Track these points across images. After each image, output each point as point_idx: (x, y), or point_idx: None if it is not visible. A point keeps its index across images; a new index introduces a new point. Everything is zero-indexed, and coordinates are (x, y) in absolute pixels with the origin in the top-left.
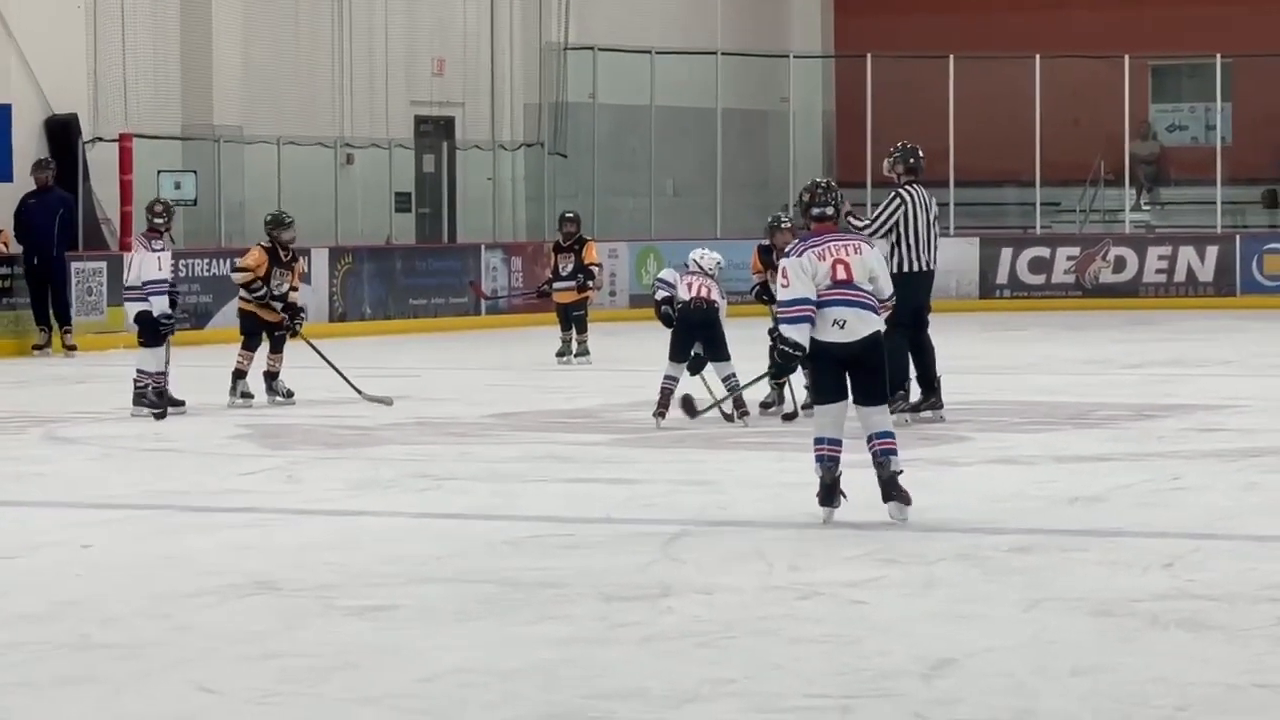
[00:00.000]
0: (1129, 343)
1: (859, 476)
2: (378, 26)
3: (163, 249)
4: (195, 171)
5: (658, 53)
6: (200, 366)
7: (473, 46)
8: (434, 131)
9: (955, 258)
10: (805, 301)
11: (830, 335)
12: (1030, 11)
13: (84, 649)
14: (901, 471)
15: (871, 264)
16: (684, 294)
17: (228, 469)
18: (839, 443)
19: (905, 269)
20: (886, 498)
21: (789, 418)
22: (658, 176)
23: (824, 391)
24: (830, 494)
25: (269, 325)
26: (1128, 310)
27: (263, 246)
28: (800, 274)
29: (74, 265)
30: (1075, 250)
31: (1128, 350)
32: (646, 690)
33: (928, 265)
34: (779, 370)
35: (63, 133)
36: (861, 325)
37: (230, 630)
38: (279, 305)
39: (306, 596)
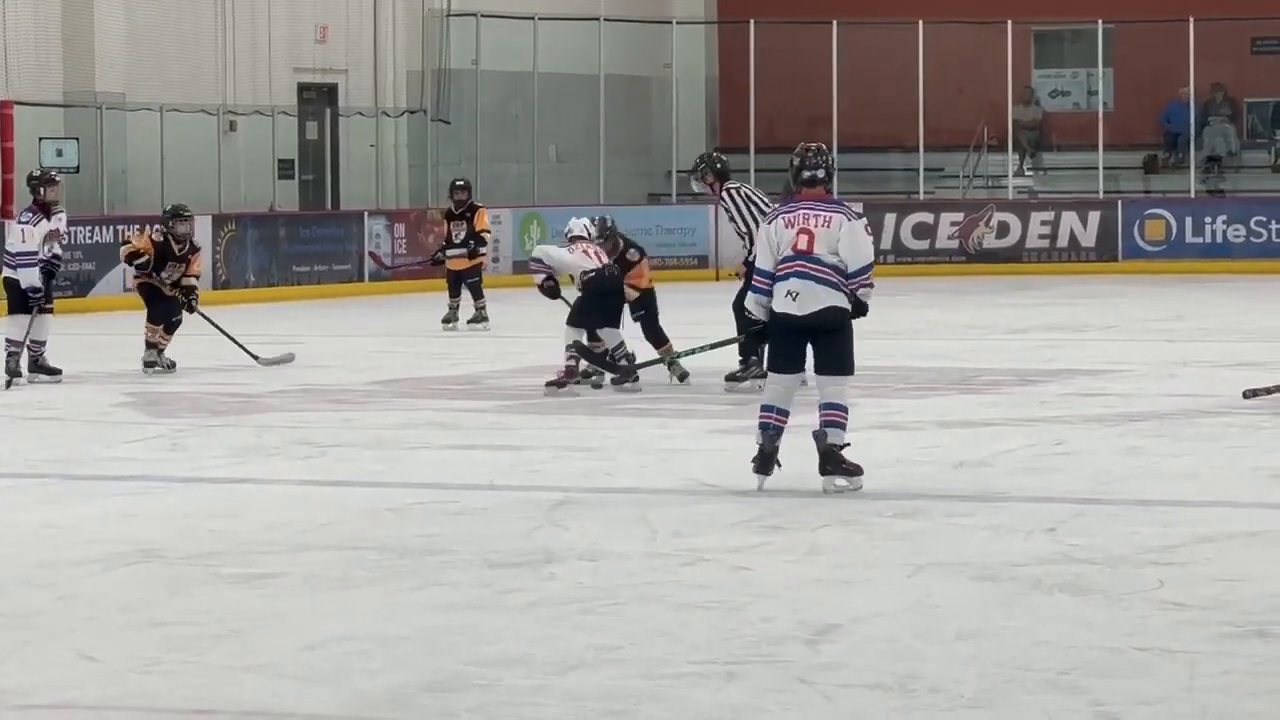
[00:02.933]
0: (1012, 308)
1: (740, 442)
2: None
3: (28, 221)
4: (77, 139)
5: (541, 19)
6: (83, 335)
7: (356, 13)
8: (317, 99)
9: None
10: (762, 274)
11: (783, 306)
12: None
13: None
14: (846, 445)
15: (839, 236)
16: (591, 263)
17: (111, 437)
18: (786, 413)
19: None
20: (822, 470)
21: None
22: (541, 143)
23: (776, 361)
24: (766, 462)
25: (165, 302)
26: (1011, 276)
27: (153, 239)
28: (764, 245)
29: None
30: (959, 216)
31: (1011, 315)
32: (531, 657)
33: None
34: (749, 338)
35: None
36: (812, 299)
37: (114, 598)
38: (168, 288)
39: (191, 564)
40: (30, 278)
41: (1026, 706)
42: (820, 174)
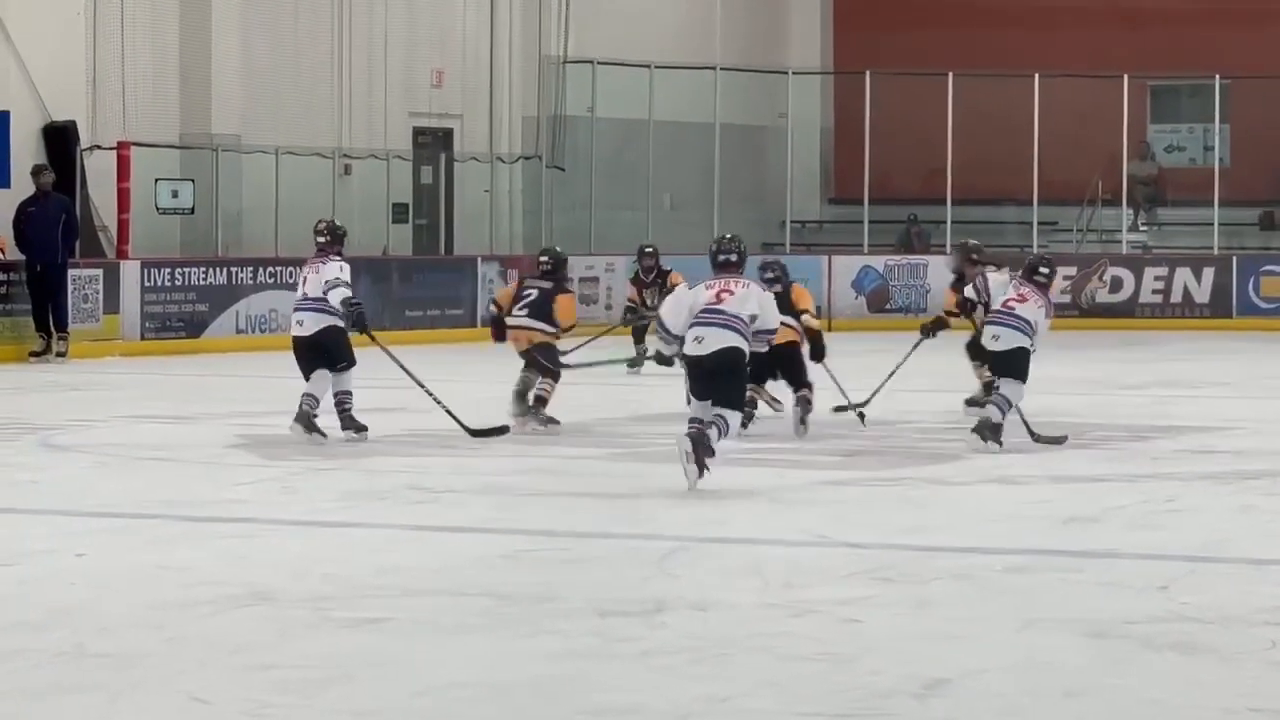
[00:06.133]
0: (1125, 363)
1: (854, 493)
2: (377, 36)
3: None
4: (193, 180)
5: (657, 67)
6: (197, 376)
7: (472, 58)
8: (432, 143)
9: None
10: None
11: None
12: (1030, 30)
13: (78, 658)
14: (708, 442)
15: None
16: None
17: (223, 479)
18: (703, 421)
19: None
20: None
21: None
22: (655, 190)
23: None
24: (698, 446)
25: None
26: (1124, 330)
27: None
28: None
29: (70, 272)
30: (1072, 270)
31: (1123, 371)
32: (642, 706)
33: None
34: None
35: (60, 139)
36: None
37: (224, 641)
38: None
39: (301, 608)
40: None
41: None
42: (734, 258)
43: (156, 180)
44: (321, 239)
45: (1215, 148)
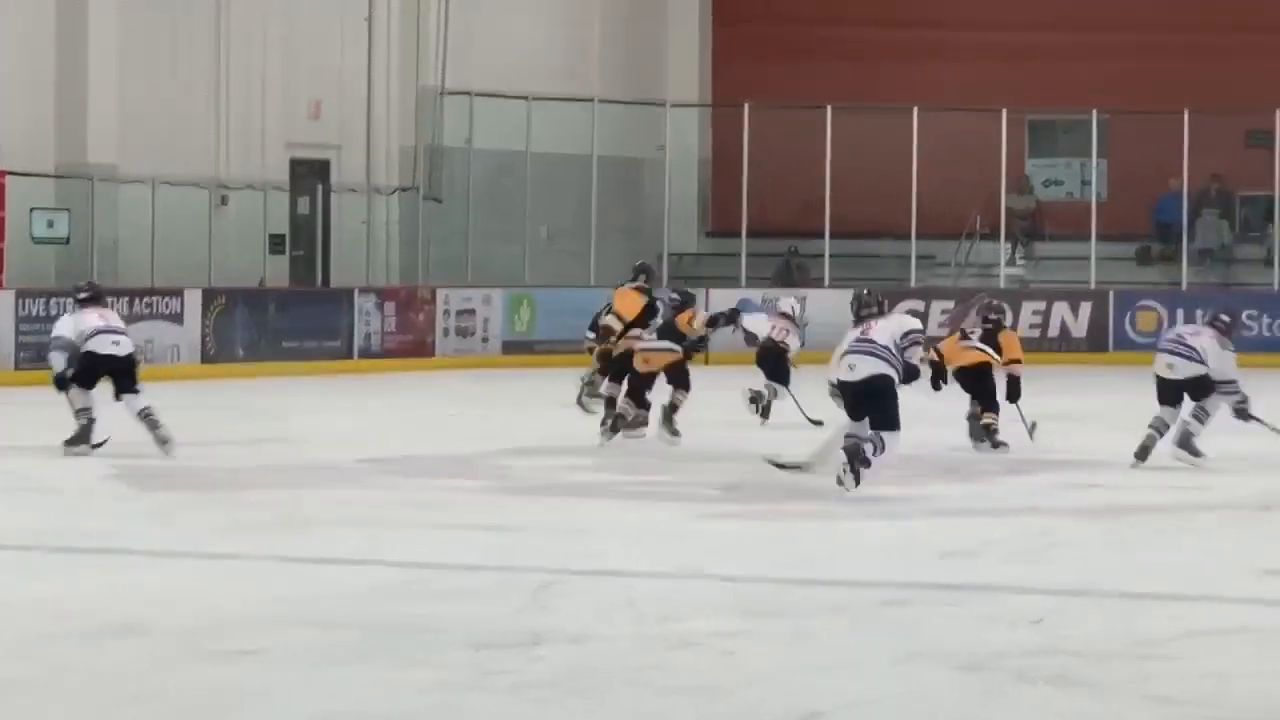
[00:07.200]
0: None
1: (731, 526)
2: (255, 66)
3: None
4: (68, 210)
5: (534, 98)
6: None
7: (349, 89)
8: (309, 174)
9: (830, 310)
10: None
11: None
12: (909, 63)
13: None
14: (864, 454)
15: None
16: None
17: (97, 510)
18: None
19: None
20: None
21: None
22: (533, 223)
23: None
24: (853, 458)
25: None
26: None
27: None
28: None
29: None
30: (949, 304)
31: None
32: None
33: None
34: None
35: None
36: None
37: (97, 673)
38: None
39: (173, 640)
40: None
41: None
42: (874, 310)
43: (32, 210)
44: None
45: (1093, 182)
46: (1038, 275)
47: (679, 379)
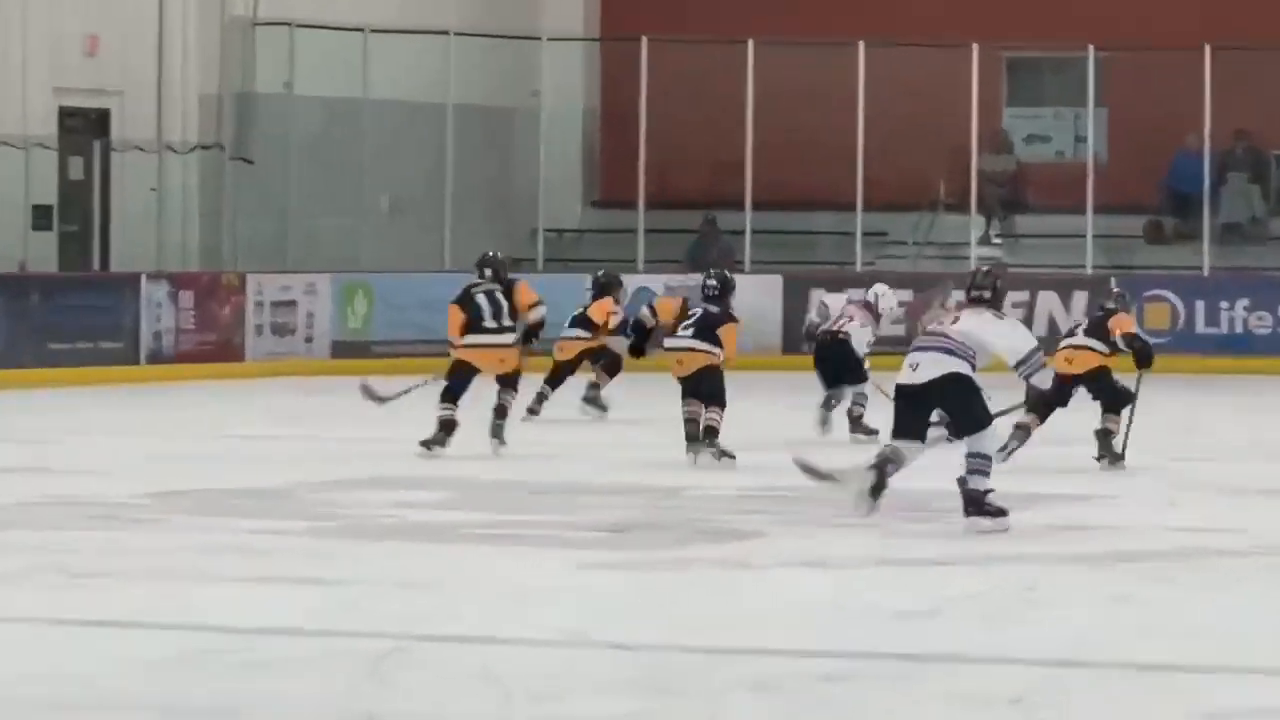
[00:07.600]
0: None
1: (623, 580)
2: None
3: None
4: None
5: (373, 31)
6: None
7: (135, 21)
8: (84, 128)
9: (753, 302)
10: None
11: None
12: None
13: None
14: (989, 490)
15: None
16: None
17: None
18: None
19: None
20: (965, 513)
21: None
22: (370, 190)
23: None
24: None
25: None
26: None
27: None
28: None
29: None
30: (907, 294)
31: None
32: None
33: None
34: None
35: None
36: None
37: None
38: None
39: None
40: None
41: None
42: (987, 294)
43: None
44: None
45: (1089, 138)
46: (1018, 257)
47: (510, 381)
